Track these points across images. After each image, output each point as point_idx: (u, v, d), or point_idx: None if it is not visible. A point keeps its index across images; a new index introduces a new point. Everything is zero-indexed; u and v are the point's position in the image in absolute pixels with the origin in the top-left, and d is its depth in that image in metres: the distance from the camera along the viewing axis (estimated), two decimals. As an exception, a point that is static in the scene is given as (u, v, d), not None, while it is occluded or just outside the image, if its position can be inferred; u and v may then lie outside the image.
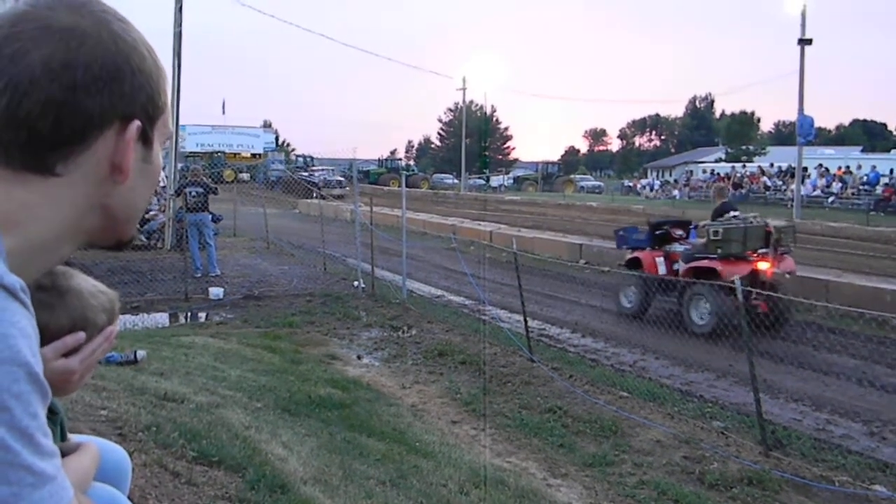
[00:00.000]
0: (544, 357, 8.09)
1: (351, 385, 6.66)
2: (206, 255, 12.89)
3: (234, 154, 55.21)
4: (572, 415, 6.29)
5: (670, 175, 66.74)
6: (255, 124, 65.73)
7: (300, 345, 8.32)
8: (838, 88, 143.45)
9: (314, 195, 26.41)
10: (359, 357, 8.10)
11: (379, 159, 63.94)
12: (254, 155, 55.30)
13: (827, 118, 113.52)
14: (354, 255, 13.14)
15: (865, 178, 33.90)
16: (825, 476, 5.14)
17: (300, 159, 55.51)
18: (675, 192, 44.85)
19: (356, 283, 11.99)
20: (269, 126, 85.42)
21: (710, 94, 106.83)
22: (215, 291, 10.99)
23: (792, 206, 28.34)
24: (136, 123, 0.82)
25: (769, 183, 37.41)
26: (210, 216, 13.29)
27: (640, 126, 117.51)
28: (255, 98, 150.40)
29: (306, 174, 40.66)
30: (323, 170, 44.79)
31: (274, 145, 63.68)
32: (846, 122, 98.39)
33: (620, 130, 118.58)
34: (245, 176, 42.53)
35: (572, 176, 66.32)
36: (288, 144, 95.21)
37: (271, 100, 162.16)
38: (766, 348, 8.41)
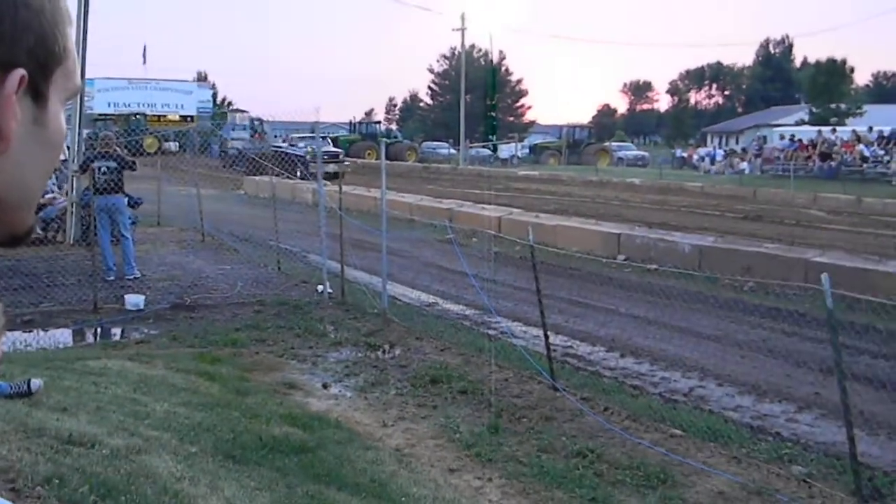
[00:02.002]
0: (571, 384, 8.12)
1: (315, 422, 6.67)
2: (120, 250, 12.88)
3: (158, 116, 54.97)
4: (608, 460, 6.32)
5: (737, 142, 66.86)
6: (187, 77, 65.64)
7: (247, 370, 8.33)
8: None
9: (298, 171, 26.05)
10: (325, 385, 8.11)
11: (350, 122, 63.87)
12: (184, 117, 55.11)
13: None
14: (318, 251, 13.14)
15: None
16: (940, 537, 5.19)
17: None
18: (744, 165, 44.92)
19: (321, 287, 12.00)
20: (205, 80, 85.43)
21: (787, 37, 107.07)
22: (134, 300, 10.98)
23: (898, 182, 28.41)
24: (20, 72, 0.82)
25: (867, 152, 37.45)
26: (126, 199, 13.26)
27: (697, 78, 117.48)
28: (187, 44, 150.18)
29: (284, 144, 38.82)
30: (311, 137, 43.52)
31: (211, 104, 63.60)
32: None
33: (670, 84, 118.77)
34: (172, 145, 42.42)
35: (607, 144, 66.41)
36: (229, 104, 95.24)
37: (207, 46, 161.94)
38: (865, 370, 8.46)
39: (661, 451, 6.45)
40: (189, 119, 54.19)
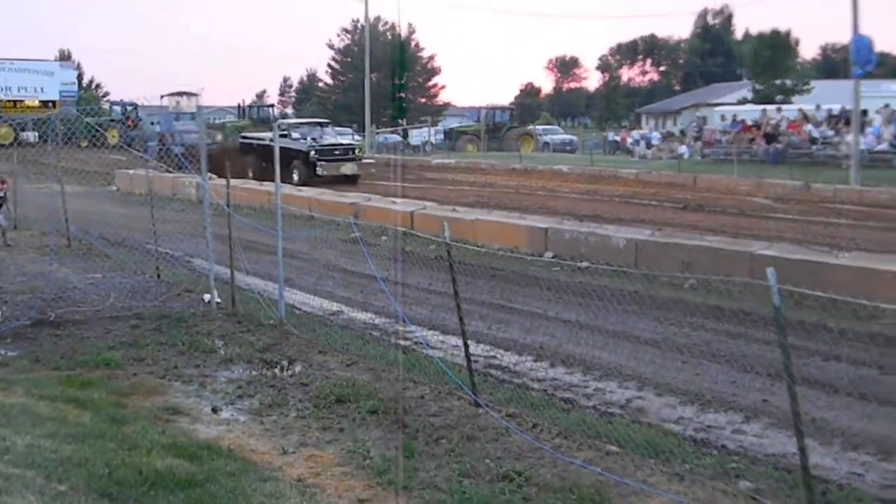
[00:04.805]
0: (495, 399, 8.19)
1: (204, 452, 6.61)
2: (-30, 260, 12.58)
3: (14, 102, 53.83)
4: (537, 482, 6.39)
5: (674, 123, 68.21)
6: (47, 56, 64.22)
7: (123, 394, 8.21)
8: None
9: (295, 174, 24.33)
10: (215, 409, 8.04)
11: (239, 106, 63.44)
12: (45, 103, 54.00)
13: (893, 40, 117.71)
14: (204, 255, 12.99)
15: (950, 123, 35.26)
16: (897, 553, 5.39)
17: (117, 108, 54.50)
18: (683, 149, 45.76)
19: (207, 296, 11.89)
20: (69, 58, 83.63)
21: (726, 7, 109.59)
22: (-13, 316, 10.76)
23: (848, 166, 29.27)
24: None
25: (815, 133, 38.52)
26: (-24, 200, 12.97)
27: (629, 53, 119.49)
28: (46, 17, 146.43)
29: (267, 135, 32.14)
30: (306, 123, 38.51)
31: (76, 87, 62.38)
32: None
33: (600, 59, 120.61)
34: (31, 135, 41.47)
35: (531, 127, 67.01)
36: (97, 86, 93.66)
37: (71, 21, 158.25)
38: (817, 374, 8.72)
39: (595, 471, 6.55)
40: (51, 105, 53.00)
